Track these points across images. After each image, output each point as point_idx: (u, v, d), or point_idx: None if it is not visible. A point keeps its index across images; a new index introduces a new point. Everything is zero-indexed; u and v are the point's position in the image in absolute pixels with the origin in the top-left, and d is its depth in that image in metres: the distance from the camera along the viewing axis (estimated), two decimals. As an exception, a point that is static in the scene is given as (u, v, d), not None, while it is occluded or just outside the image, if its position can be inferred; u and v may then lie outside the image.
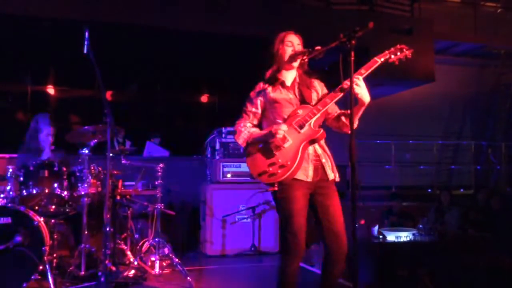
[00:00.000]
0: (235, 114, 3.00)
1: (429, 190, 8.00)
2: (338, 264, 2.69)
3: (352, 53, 2.45)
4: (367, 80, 2.72)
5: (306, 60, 2.85)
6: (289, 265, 2.66)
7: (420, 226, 5.19)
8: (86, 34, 3.83)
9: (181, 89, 9.10)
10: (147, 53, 7.34)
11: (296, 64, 2.82)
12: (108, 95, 8.50)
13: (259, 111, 2.83)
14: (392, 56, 2.75)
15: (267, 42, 2.95)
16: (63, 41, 6.04)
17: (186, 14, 6.50)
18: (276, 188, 2.66)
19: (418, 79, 7.63)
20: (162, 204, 4.55)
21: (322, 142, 2.78)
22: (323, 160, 2.73)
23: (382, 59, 2.73)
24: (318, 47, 2.73)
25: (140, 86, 8.82)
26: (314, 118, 2.68)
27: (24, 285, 3.55)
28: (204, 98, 9.58)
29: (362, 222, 5.10)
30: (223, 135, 5.76)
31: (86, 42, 3.82)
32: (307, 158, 2.69)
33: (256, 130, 2.81)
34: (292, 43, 2.82)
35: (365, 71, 2.69)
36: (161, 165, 4.55)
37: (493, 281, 4.07)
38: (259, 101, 2.82)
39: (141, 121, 8.96)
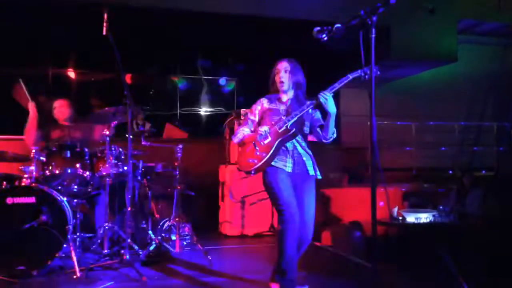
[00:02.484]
0: (254, 96, 3.41)
1: (450, 172, 7.88)
2: (302, 247, 3.14)
3: (373, 30, 2.40)
4: (387, 62, 2.72)
5: (326, 39, 2.83)
6: (287, 231, 2.97)
7: (441, 207, 5.14)
8: (105, 16, 3.86)
9: (200, 71, 9.11)
10: (166, 36, 7.33)
11: (285, 87, 3.21)
12: (128, 77, 8.55)
13: (257, 119, 3.29)
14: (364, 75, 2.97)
15: (283, 24, 2.99)
16: (84, 24, 6.07)
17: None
18: (252, 175, 3.18)
19: (440, 60, 7.46)
20: (182, 185, 4.60)
21: (303, 143, 3.22)
22: (304, 158, 3.18)
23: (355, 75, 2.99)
24: (338, 25, 2.70)
25: (160, 69, 8.84)
26: (292, 121, 3.09)
27: (49, 263, 3.64)
28: (221, 81, 9.58)
29: (382, 204, 5.08)
30: (242, 117, 5.75)
31: (105, 24, 3.85)
32: (286, 152, 3.14)
33: (248, 132, 3.29)
34: (280, 70, 3.21)
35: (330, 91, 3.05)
36: (180, 146, 4.59)
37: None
38: (257, 111, 3.30)
39: (160, 103, 9.03)
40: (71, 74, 8.55)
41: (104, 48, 3.93)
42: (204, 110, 9.19)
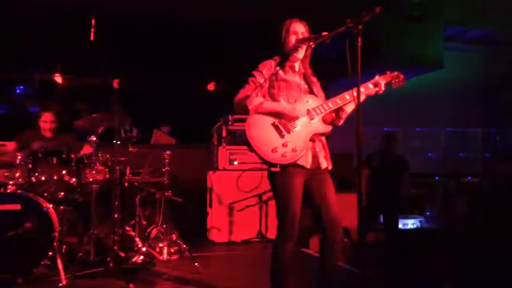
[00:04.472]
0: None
1: (437, 178, 7.96)
2: (336, 248, 2.77)
3: (359, 39, 2.43)
4: (373, 69, 2.78)
5: (313, 46, 2.84)
6: (283, 249, 2.75)
7: (427, 213, 5.19)
8: (93, 21, 3.85)
9: (188, 77, 9.09)
10: (153, 41, 7.33)
11: (300, 55, 2.85)
12: (115, 83, 8.50)
13: (266, 84, 2.81)
14: (393, 81, 2.91)
15: (273, 28, 2.95)
16: (70, 29, 6.04)
17: (193, 2, 6.47)
18: (278, 169, 2.69)
19: (427, 66, 7.58)
20: (170, 191, 4.59)
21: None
22: (317, 149, 2.81)
23: (387, 81, 2.88)
24: (325, 33, 2.72)
25: (146, 74, 8.81)
26: (323, 114, 2.77)
27: (34, 270, 3.60)
28: (210, 86, 9.56)
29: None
30: (230, 123, 5.76)
31: (92, 30, 3.84)
32: (308, 146, 2.76)
33: (268, 101, 2.78)
34: (297, 32, 2.82)
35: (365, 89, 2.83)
36: (168, 152, 4.57)
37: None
38: (267, 75, 2.81)
39: (148, 109, 8.97)
40: (58, 79, 8.48)
41: (91, 53, 3.91)
42: (192, 115, 9.17)
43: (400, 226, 4.89)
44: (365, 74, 2.55)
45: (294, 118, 2.71)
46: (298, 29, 2.82)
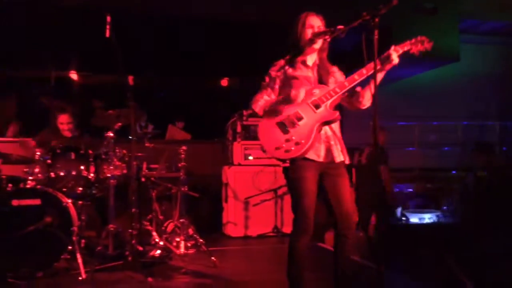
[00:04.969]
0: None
1: (454, 172, 7.89)
2: (348, 243, 2.78)
3: (376, 32, 2.41)
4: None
5: (328, 40, 2.82)
6: (299, 242, 2.76)
7: (444, 208, 5.15)
8: (108, 19, 3.88)
9: (202, 72, 9.11)
10: (167, 38, 7.36)
11: (317, 46, 2.81)
12: (130, 79, 8.55)
13: (277, 86, 2.84)
14: (414, 47, 2.75)
15: (286, 25, 2.93)
16: (86, 27, 6.11)
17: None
18: (287, 164, 2.72)
19: (443, 59, 7.47)
20: (186, 186, 4.62)
21: (334, 124, 2.79)
22: (332, 142, 2.77)
23: (405, 49, 2.72)
24: (341, 26, 2.70)
25: (161, 71, 8.86)
26: (331, 100, 2.70)
27: (54, 264, 3.67)
28: (224, 82, 9.58)
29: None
30: (245, 118, 5.78)
31: (108, 27, 3.88)
32: (320, 139, 2.73)
33: (274, 100, 2.82)
34: (313, 26, 2.79)
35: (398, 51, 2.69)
36: (184, 147, 4.60)
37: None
38: (277, 77, 2.84)
39: (162, 105, 9.03)
40: (74, 76, 8.57)
41: (106, 50, 3.95)
42: (206, 111, 9.20)
43: (416, 220, 4.85)
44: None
45: (298, 112, 2.69)
46: (314, 23, 2.80)
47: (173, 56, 8.16)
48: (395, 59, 2.67)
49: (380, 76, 2.61)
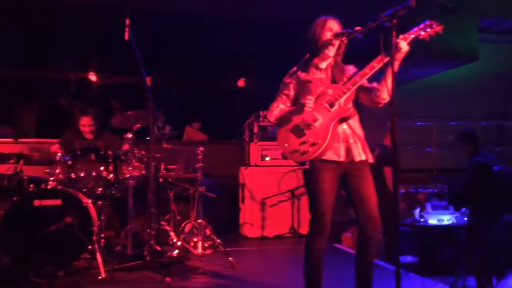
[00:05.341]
0: (272, 98, 3.05)
1: (472, 173, 7.78)
2: (372, 244, 2.75)
3: (394, 33, 2.41)
4: (405, 61, 2.69)
5: (345, 41, 2.82)
6: (315, 243, 2.76)
7: (463, 209, 5.10)
8: (127, 21, 3.93)
9: (218, 73, 9.15)
10: (183, 39, 7.40)
11: (331, 53, 2.81)
12: (147, 80, 8.62)
13: (292, 93, 2.87)
14: (422, 33, 2.68)
15: (305, 24, 2.94)
16: (103, 28, 6.18)
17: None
18: (307, 166, 2.71)
19: (461, 59, 7.38)
20: (203, 187, 4.66)
21: (352, 122, 2.77)
22: (351, 141, 2.74)
23: (413, 35, 2.67)
24: (358, 28, 2.70)
25: (176, 71, 8.92)
26: (344, 97, 2.70)
27: (75, 263, 3.74)
28: (240, 82, 9.61)
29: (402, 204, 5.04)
30: (261, 119, 5.80)
31: (127, 29, 3.93)
32: (338, 138, 2.71)
33: (287, 107, 2.87)
34: (332, 29, 2.78)
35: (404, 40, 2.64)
36: (201, 148, 4.64)
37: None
38: (292, 84, 2.86)
39: (179, 106, 9.09)
40: (92, 77, 8.69)
41: (124, 51, 4.00)
42: (223, 112, 9.24)
43: (435, 222, 4.81)
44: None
45: (312, 114, 2.68)
46: (333, 26, 2.79)
47: (189, 56, 8.21)
48: (404, 47, 2.63)
49: (395, 67, 2.55)
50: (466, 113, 8.79)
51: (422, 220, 4.68)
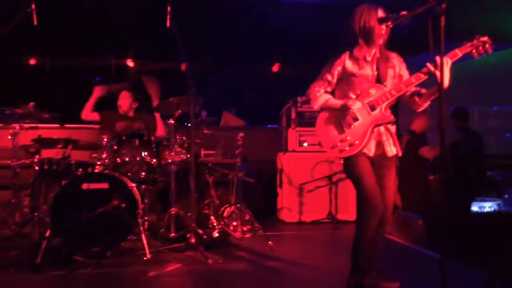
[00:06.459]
0: (307, 84, 3.08)
1: (516, 159, 7.57)
2: (385, 223, 2.88)
3: (443, 18, 2.36)
4: (448, 44, 2.65)
5: (391, 26, 2.80)
6: (369, 225, 2.78)
7: (506, 196, 4.99)
8: (169, 8, 4.00)
9: (254, 59, 9.16)
10: (219, 25, 7.43)
11: (381, 41, 2.82)
12: (183, 66, 8.71)
13: (334, 80, 2.90)
14: (473, 51, 2.81)
15: (340, 9, 2.94)
16: (142, 14, 6.30)
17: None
18: (342, 161, 2.89)
19: (506, 41, 7.14)
20: (242, 172, 4.72)
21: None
22: (383, 138, 2.85)
23: (463, 53, 2.81)
24: (404, 12, 2.67)
25: (213, 57, 8.97)
26: (386, 102, 2.77)
27: (121, 244, 3.89)
28: (275, 68, 9.59)
29: None
30: (299, 105, 5.80)
31: (168, 17, 3.99)
32: (372, 135, 2.82)
33: (331, 98, 2.92)
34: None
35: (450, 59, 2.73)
36: (241, 134, 4.69)
37: None
38: (337, 71, 2.88)
39: (215, 92, 9.17)
40: (130, 63, 8.83)
41: (162, 38, 4.05)
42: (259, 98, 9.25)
43: (476, 209, 4.73)
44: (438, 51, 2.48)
45: (354, 113, 2.78)
46: (378, 13, 2.80)
47: (224, 42, 8.25)
48: (449, 63, 2.73)
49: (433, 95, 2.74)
50: (509, 97, 8.51)
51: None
